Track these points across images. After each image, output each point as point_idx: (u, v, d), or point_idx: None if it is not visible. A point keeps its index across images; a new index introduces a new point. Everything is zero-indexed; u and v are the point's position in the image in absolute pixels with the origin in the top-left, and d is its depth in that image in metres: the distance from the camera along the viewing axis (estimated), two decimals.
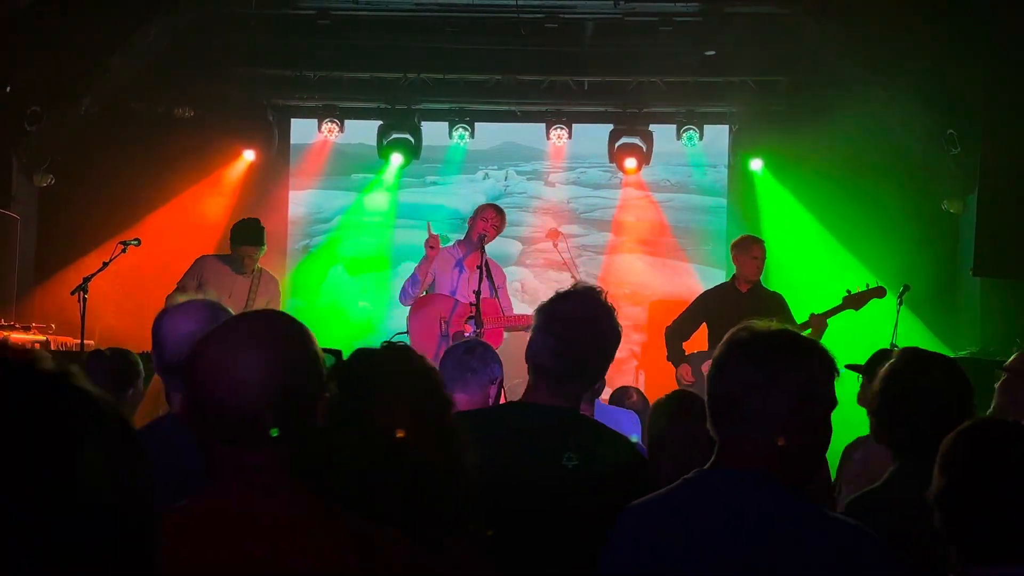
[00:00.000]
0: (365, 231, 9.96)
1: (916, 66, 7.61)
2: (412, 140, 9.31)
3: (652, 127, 9.29)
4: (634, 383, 7.46)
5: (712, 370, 1.98)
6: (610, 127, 9.36)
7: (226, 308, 2.62)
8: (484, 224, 6.73)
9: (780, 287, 7.59)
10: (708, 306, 6.99)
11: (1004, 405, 3.37)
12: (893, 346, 6.07)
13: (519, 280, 9.73)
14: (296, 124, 9.85)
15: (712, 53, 8.82)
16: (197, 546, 1.49)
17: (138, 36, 8.37)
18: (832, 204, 8.88)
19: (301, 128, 9.82)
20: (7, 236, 8.20)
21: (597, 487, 2.30)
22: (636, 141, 9.25)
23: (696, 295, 7.41)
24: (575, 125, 9.41)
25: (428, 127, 9.45)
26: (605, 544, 2.00)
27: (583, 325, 2.47)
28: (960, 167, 7.99)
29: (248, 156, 9.39)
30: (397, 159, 9.40)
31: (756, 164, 9.31)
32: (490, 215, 6.79)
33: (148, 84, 8.87)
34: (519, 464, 2.31)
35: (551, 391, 2.46)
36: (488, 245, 6.71)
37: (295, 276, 9.77)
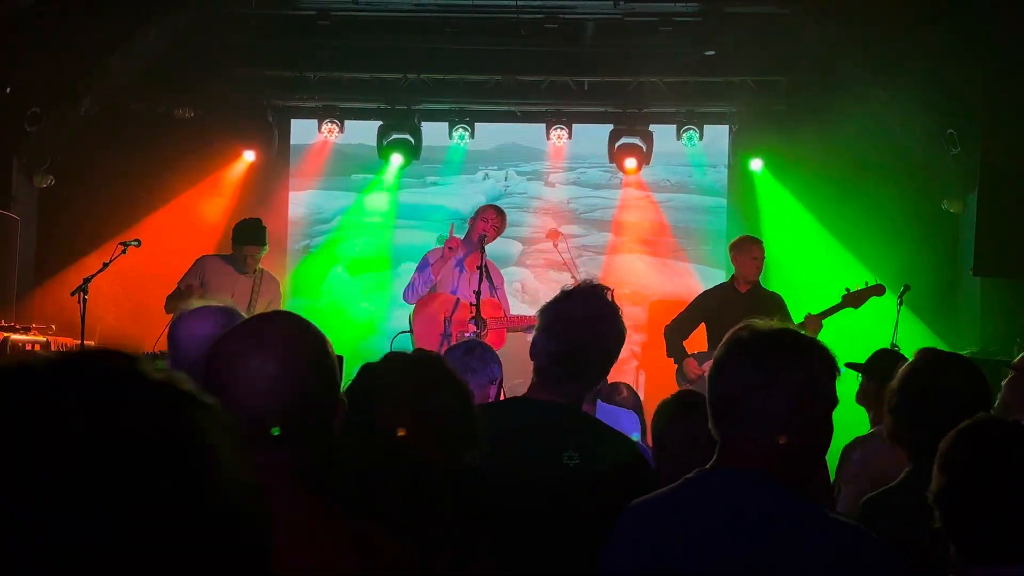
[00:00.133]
0: (365, 231, 9.95)
1: (916, 66, 7.60)
2: (412, 140, 9.29)
3: (652, 127, 9.28)
4: (634, 383, 7.46)
5: (713, 370, 1.98)
6: (610, 127, 9.35)
7: (241, 313, 2.64)
8: (485, 225, 6.75)
9: (780, 287, 7.59)
10: (707, 306, 6.99)
11: (1009, 402, 3.37)
12: (894, 346, 6.09)
13: (519, 280, 9.73)
14: (296, 124, 9.83)
15: (712, 53, 8.82)
16: None
17: (138, 36, 8.36)
18: (832, 204, 8.88)
19: (301, 128, 9.81)
20: (7, 236, 8.19)
21: (597, 486, 2.30)
22: (636, 141, 9.25)
23: (696, 295, 7.42)
24: (575, 125, 9.39)
25: (428, 127, 9.44)
26: (605, 543, 2.00)
27: (584, 326, 2.47)
28: (960, 167, 7.98)
29: (248, 156, 9.37)
30: (397, 159, 9.39)
31: (756, 164, 9.30)
32: (491, 216, 6.81)
33: (148, 84, 8.86)
34: (519, 462, 2.31)
35: (553, 390, 2.46)
36: (488, 245, 6.72)
37: (295, 276, 9.76)
